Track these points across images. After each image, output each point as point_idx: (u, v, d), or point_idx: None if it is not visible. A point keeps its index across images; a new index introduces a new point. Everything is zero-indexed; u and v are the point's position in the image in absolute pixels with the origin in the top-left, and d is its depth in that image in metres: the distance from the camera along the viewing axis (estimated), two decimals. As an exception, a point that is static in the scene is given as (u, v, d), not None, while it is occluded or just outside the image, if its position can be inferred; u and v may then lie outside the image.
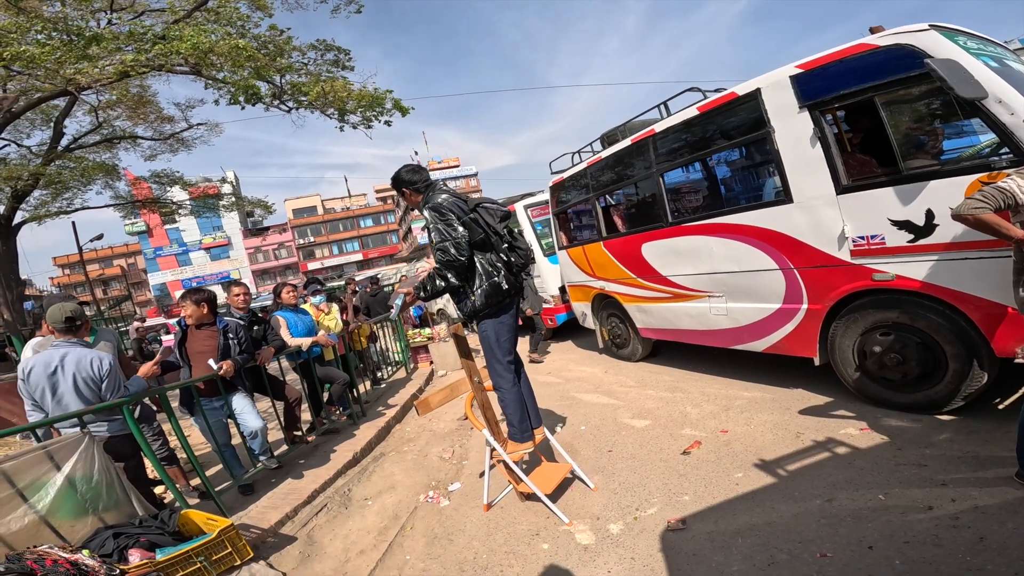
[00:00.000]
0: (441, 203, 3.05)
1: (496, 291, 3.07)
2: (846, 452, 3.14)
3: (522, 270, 3.21)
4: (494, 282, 3.06)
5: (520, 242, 3.19)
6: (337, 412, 5.48)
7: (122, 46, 8.45)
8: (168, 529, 2.97)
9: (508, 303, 3.20)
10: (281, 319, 5.06)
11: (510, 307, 3.24)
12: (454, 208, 3.04)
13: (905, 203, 3.07)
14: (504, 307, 3.20)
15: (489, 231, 3.05)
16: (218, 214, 25.43)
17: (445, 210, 3.01)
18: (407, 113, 11.71)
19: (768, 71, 3.81)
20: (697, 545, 2.58)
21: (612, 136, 5.88)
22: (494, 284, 3.06)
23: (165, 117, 14.54)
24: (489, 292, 3.06)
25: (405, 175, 3.26)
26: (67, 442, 2.91)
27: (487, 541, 3.06)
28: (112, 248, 54.64)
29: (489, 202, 3.14)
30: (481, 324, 3.23)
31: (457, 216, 3.01)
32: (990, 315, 2.89)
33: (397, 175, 3.30)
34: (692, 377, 5.33)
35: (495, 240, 3.07)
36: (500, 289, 3.07)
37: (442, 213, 3.01)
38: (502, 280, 3.07)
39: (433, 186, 3.25)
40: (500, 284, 3.07)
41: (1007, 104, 2.66)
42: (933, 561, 2.09)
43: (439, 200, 3.07)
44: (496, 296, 3.08)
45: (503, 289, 3.08)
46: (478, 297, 3.08)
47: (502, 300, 3.13)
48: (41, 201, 14.65)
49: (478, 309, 3.11)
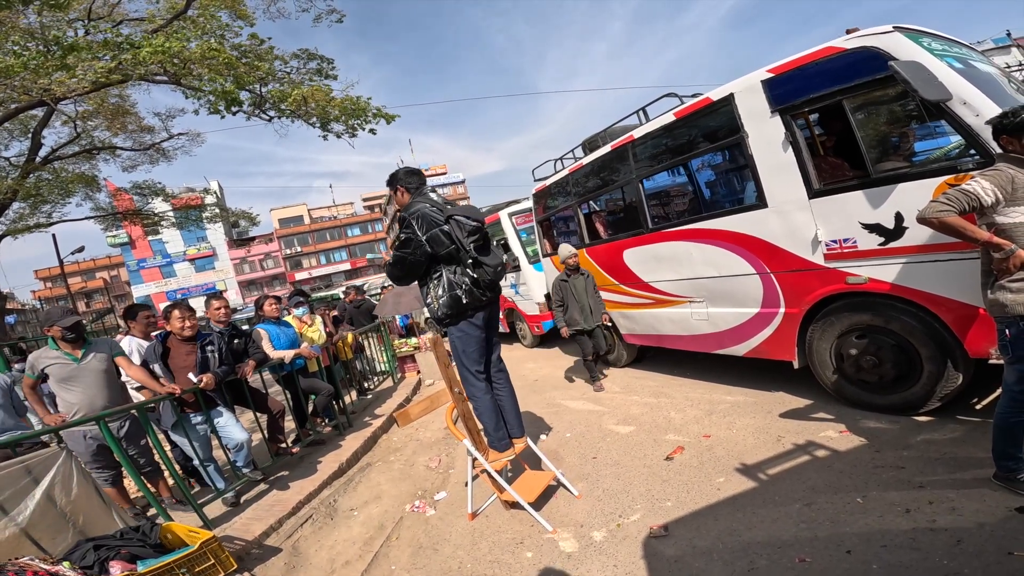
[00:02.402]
0: (418, 211, 3.11)
1: (456, 303, 3.14)
2: (825, 455, 3.17)
3: (490, 287, 3.20)
4: (455, 295, 3.13)
5: (490, 258, 3.11)
6: (322, 423, 5.44)
7: (98, 55, 8.36)
8: (150, 541, 2.95)
9: (476, 314, 3.25)
10: (263, 332, 5.03)
11: (482, 317, 3.27)
12: (430, 219, 3.07)
13: (875, 206, 3.11)
14: (476, 316, 3.25)
15: (458, 244, 3.07)
16: (200, 225, 25.12)
17: (416, 221, 3.10)
18: (392, 120, 11.69)
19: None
20: (679, 551, 2.58)
21: (593, 142, 5.91)
22: (454, 297, 3.13)
23: (145, 127, 14.41)
24: (449, 303, 3.15)
25: (403, 175, 3.39)
26: (45, 456, 2.97)
27: (472, 550, 3.06)
28: (94, 260, 53.76)
29: (463, 214, 3.09)
30: (450, 332, 3.30)
31: (429, 227, 3.06)
32: (961, 316, 2.92)
33: (396, 173, 3.43)
34: (676, 382, 5.36)
35: (462, 254, 3.10)
36: (459, 302, 3.14)
37: (412, 226, 3.11)
38: (463, 294, 3.12)
39: (420, 190, 3.33)
40: (460, 298, 3.13)
41: (971, 105, 2.69)
42: (911, 565, 2.10)
43: (415, 208, 3.13)
44: (456, 307, 3.16)
45: (462, 303, 3.14)
46: (440, 305, 3.17)
47: (464, 312, 3.19)
48: (20, 214, 14.41)
49: (440, 317, 3.22)
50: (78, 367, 3.66)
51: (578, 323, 5.63)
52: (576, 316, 5.63)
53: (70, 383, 3.64)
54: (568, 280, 5.67)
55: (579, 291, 5.63)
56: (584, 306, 5.61)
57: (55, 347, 3.67)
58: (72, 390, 3.64)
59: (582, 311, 5.63)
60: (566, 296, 5.68)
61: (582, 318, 5.64)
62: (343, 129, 11.46)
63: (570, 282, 5.66)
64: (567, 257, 5.61)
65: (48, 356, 3.64)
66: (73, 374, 3.65)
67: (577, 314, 5.63)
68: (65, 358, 3.65)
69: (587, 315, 5.64)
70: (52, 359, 3.63)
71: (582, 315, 5.64)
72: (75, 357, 3.68)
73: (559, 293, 5.71)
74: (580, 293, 5.63)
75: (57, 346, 3.68)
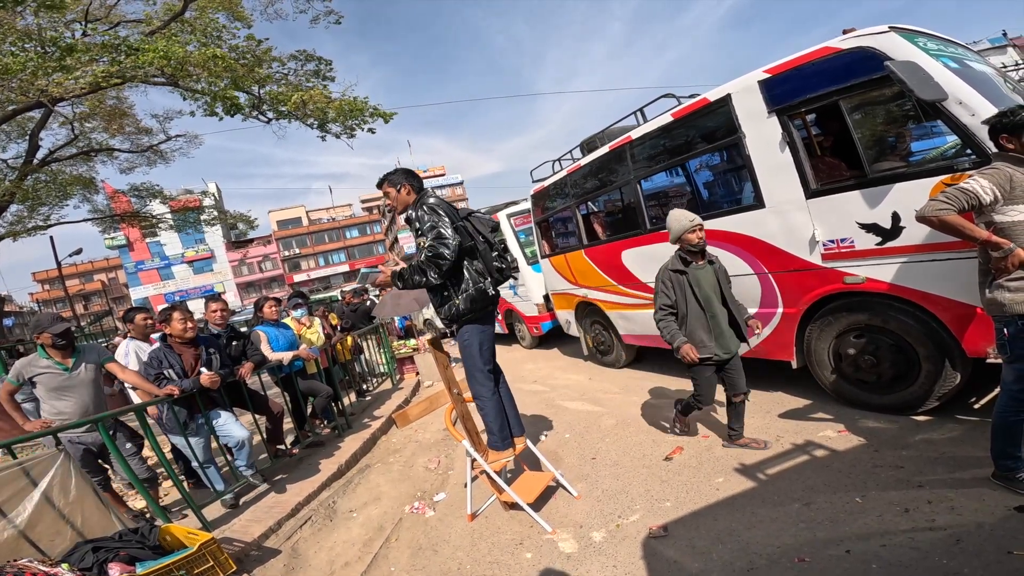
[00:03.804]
0: (436, 204, 3.07)
1: (482, 296, 3.09)
2: (824, 455, 3.18)
3: (504, 281, 3.27)
4: (480, 287, 3.08)
5: (508, 253, 3.24)
6: (321, 425, 5.44)
7: (96, 57, 8.36)
8: (148, 543, 2.93)
9: (491, 311, 3.25)
10: (262, 334, 5.03)
11: (492, 315, 3.28)
12: (449, 211, 3.06)
13: (872, 206, 3.12)
14: (487, 315, 3.24)
15: (479, 239, 3.11)
16: (199, 228, 25.13)
17: (441, 211, 3.02)
18: (389, 119, 11.70)
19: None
20: (678, 552, 2.58)
21: (591, 143, 5.92)
22: (480, 290, 3.08)
23: (143, 129, 14.41)
24: (475, 297, 3.07)
25: (403, 175, 3.29)
26: (43, 459, 2.98)
27: (471, 551, 3.05)
28: (92, 262, 53.65)
29: (479, 213, 3.23)
30: (462, 331, 3.23)
31: (451, 219, 3.02)
32: (959, 316, 2.93)
33: (394, 173, 3.31)
34: (676, 383, 5.35)
35: (484, 248, 3.12)
36: (486, 295, 3.10)
37: (437, 213, 3.01)
38: (488, 286, 3.10)
39: (426, 191, 3.29)
40: (486, 290, 3.09)
41: (967, 105, 2.70)
42: (910, 564, 2.10)
43: (432, 202, 3.08)
44: (481, 302, 3.10)
45: (489, 295, 3.11)
46: (462, 301, 3.08)
47: (486, 306, 3.16)
48: (17, 216, 14.39)
49: (461, 313, 3.10)
50: (69, 377, 3.62)
51: (706, 346, 3.38)
52: (702, 334, 3.38)
53: (62, 392, 3.60)
54: (687, 271, 3.43)
55: (705, 289, 3.40)
56: (715, 315, 3.41)
57: (45, 355, 3.61)
58: (65, 399, 3.60)
59: (709, 323, 3.40)
60: (681, 297, 3.44)
61: (711, 336, 3.40)
62: (341, 129, 11.48)
63: (691, 274, 3.41)
64: (686, 230, 3.37)
65: (38, 365, 3.58)
66: (65, 384, 3.60)
67: (703, 331, 3.39)
68: (56, 367, 3.60)
69: (719, 330, 3.41)
70: (42, 368, 3.57)
71: (711, 331, 3.40)
72: (66, 367, 3.63)
73: (670, 291, 3.46)
74: (707, 293, 3.40)
75: (47, 354, 3.61)
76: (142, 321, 4.67)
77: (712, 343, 3.38)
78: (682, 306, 3.43)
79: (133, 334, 4.63)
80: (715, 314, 3.40)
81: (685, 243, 3.39)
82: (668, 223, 3.49)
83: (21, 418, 3.60)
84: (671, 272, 3.47)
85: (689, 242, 3.36)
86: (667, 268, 3.51)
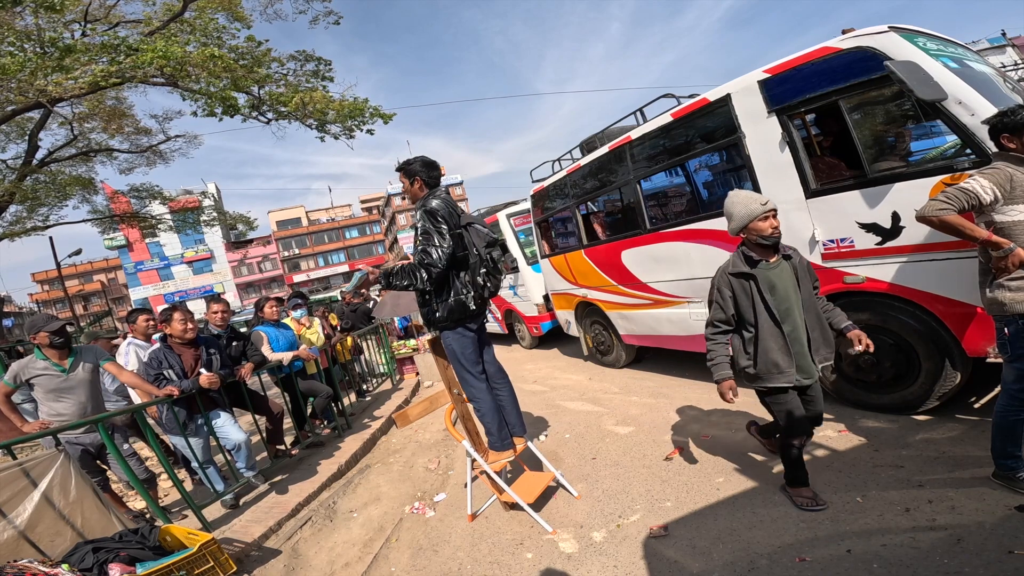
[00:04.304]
0: (437, 208, 3.04)
1: (461, 308, 3.08)
2: (824, 455, 3.18)
3: (487, 301, 3.23)
4: (460, 300, 3.07)
5: (499, 273, 3.19)
6: (321, 425, 5.44)
7: (95, 58, 8.36)
8: (148, 544, 2.94)
9: (469, 320, 3.21)
10: (262, 334, 5.04)
11: (471, 322, 3.23)
12: (448, 218, 3.04)
13: (872, 206, 3.12)
14: (464, 323, 3.20)
15: (472, 251, 3.07)
16: (198, 229, 25.13)
17: (440, 218, 3.01)
18: (389, 120, 11.70)
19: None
20: (678, 552, 2.58)
21: (591, 143, 5.91)
22: (460, 302, 3.07)
23: (142, 129, 14.40)
24: (453, 308, 3.08)
25: (421, 166, 3.23)
26: (43, 459, 2.99)
27: (472, 551, 3.05)
28: (92, 263, 53.70)
29: (480, 223, 3.16)
30: (443, 335, 3.24)
31: (449, 227, 3.01)
32: (959, 315, 2.93)
33: (413, 162, 3.26)
34: (676, 382, 5.36)
35: (475, 262, 3.08)
36: (465, 308, 3.09)
37: (436, 219, 3.00)
38: (470, 301, 3.08)
39: (437, 188, 3.24)
40: (467, 304, 3.08)
41: (967, 105, 2.70)
42: (911, 564, 2.10)
43: (434, 205, 3.05)
44: (459, 313, 3.10)
45: (469, 309, 3.10)
46: (441, 309, 3.10)
47: (464, 319, 3.15)
48: (17, 217, 14.39)
49: (438, 320, 3.14)
50: (67, 378, 3.61)
51: (783, 373, 2.54)
52: (776, 357, 2.53)
53: (60, 394, 3.59)
54: (754, 273, 2.55)
55: (781, 294, 2.55)
56: (795, 327, 2.56)
57: (42, 357, 3.60)
58: (63, 400, 3.59)
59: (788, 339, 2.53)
60: (748, 308, 2.59)
61: (790, 359, 2.53)
62: (341, 130, 11.48)
63: (760, 276, 2.54)
64: (756, 216, 2.49)
65: (36, 367, 3.56)
66: (63, 386, 3.60)
67: (778, 352, 2.53)
68: (54, 369, 3.59)
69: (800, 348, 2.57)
70: (40, 370, 3.55)
71: (789, 351, 2.53)
72: (63, 368, 3.62)
73: (727, 303, 2.64)
74: (784, 299, 2.55)
75: (44, 356, 3.60)
76: (144, 323, 4.67)
77: (791, 368, 2.53)
78: (749, 319, 2.59)
79: (135, 334, 4.65)
80: (795, 326, 2.56)
81: (754, 234, 2.53)
82: (728, 208, 2.63)
83: (18, 420, 3.58)
84: (731, 276, 2.62)
85: (760, 233, 2.50)
86: (725, 271, 2.65)
